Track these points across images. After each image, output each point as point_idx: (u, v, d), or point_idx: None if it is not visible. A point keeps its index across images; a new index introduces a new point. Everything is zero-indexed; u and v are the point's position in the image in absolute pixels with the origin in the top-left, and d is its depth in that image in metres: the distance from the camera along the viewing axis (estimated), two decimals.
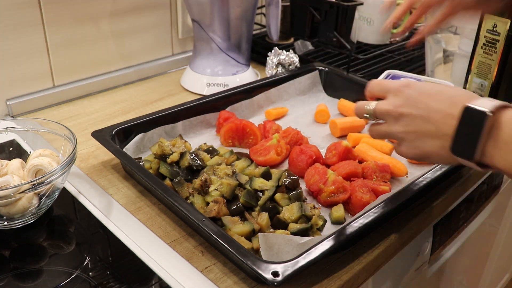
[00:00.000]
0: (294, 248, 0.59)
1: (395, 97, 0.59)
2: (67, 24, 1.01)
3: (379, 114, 0.61)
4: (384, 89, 0.62)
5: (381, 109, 0.61)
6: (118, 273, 0.62)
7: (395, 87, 0.60)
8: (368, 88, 0.64)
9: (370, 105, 0.62)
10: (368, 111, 0.62)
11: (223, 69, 1.11)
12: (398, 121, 0.59)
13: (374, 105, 0.61)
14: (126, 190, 0.77)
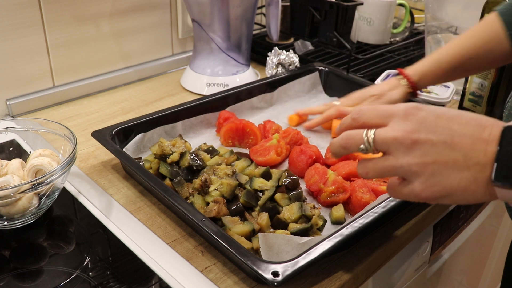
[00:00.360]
0: (294, 248, 0.59)
1: (405, 121, 0.47)
2: (67, 24, 1.01)
3: (383, 143, 0.48)
4: (383, 113, 0.49)
5: (386, 137, 0.47)
6: (118, 273, 0.62)
7: (402, 109, 0.48)
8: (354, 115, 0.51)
9: (367, 133, 0.49)
10: (365, 142, 0.49)
11: (223, 69, 1.11)
12: (411, 151, 0.46)
13: (373, 133, 0.48)
14: (126, 190, 0.77)
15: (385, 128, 0.48)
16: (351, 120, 0.51)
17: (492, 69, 0.91)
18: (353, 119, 0.51)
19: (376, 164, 0.49)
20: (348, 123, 0.52)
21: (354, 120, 0.51)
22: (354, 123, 0.51)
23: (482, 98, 0.95)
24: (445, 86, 1.04)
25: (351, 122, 0.51)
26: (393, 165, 0.47)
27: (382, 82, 0.93)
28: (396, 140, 0.47)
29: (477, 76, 0.94)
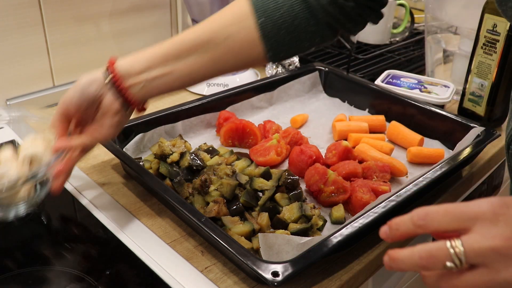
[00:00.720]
0: (294, 248, 0.59)
1: (497, 225, 0.38)
2: (67, 24, 1.01)
3: (477, 256, 0.38)
4: (462, 216, 0.39)
5: (482, 248, 0.38)
6: (118, 273, 0.62)
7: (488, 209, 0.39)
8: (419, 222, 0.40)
9: (452, 244, 0.38)
10: (453, 257, 0.38)
11: None
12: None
13: (460, 244, 0.38)
14: (126, 190, 0.77)
15: (474, 236, 0.38)
16: (414, 227, 0.41)
17: (492, 69, 0.91)
18: (417, 226, 0.40)
19: (468, 280, 0.39)
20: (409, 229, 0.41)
21: (420, 227, 0.40)
22: (419, 230, 0.41)
23: (482, 98, 0.95)
24: (445, 86, 1.04)
25: (414, 230, 0.41)
26: (493, 279, 0.38)
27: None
28: (494, 251, 0.37)
29: (477, 76, 0.94)
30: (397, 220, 0.42)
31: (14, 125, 0.81)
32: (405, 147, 0.90)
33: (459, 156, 0.77)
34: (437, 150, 0.86)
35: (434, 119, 0.91)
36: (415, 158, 0.86)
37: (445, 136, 0.90)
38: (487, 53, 0.91)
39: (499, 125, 0.99)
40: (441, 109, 0.92)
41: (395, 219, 0.43)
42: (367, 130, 0.93)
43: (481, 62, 0.93)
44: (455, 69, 1.12)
